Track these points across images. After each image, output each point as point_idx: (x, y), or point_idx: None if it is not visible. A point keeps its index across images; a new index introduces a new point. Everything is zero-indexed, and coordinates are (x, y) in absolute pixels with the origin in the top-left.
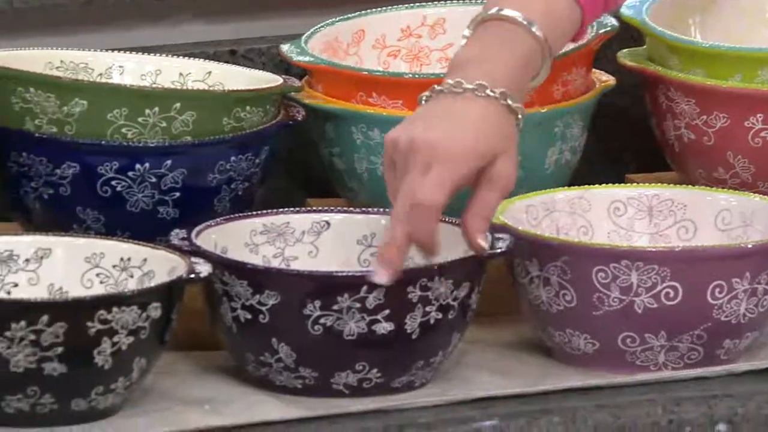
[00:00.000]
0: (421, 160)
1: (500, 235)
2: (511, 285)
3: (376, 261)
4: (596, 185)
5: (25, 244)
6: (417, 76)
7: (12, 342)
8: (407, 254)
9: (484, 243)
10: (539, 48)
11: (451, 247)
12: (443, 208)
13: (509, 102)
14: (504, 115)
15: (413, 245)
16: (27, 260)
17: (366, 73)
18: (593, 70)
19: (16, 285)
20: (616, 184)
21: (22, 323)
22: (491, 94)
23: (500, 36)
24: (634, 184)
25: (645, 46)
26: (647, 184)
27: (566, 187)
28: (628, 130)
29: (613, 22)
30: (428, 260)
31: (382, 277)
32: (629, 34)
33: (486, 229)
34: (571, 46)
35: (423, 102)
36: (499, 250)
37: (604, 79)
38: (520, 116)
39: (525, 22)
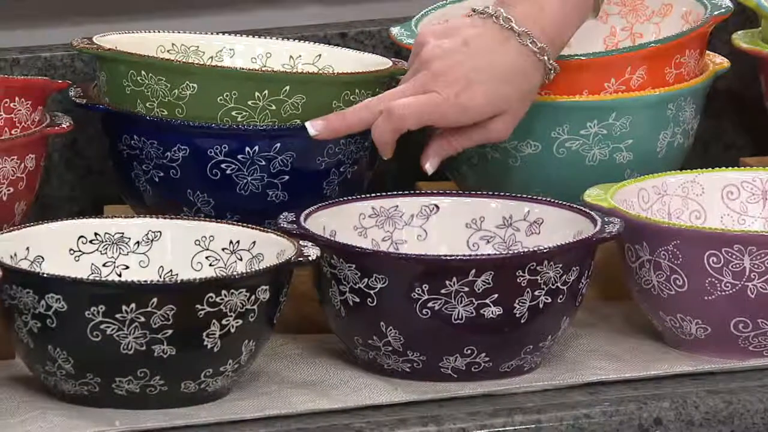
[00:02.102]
0: (426, 81)
1: (611, 219)
2: (622, 269)
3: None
4: (709, 169)
5: (136, 226)
6: None
7: (122, 324)
8: (343, 132)
9: (429, 167)
10: None
11: (560, 232)
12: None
13: (546, 59)
14: (534, 70)
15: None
16: (138, 243)
17: None
18: (707, 52)
19: (126, 267)
20: (730, 168)
21: (132, 306)
22: (533, 48)
23: None
24: (748, 167)
25: (760, 28)
26: (762, 167)
27: (678, 171)
28: (743, 112)
29: (728, 3)
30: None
31: (314, 127)
32: (744, 15)
33: (443, 157)
34: (684, 27)
35: (475, 17)
36: (609, 234)
37: (718, 61)
38: (552, 73)
39: None
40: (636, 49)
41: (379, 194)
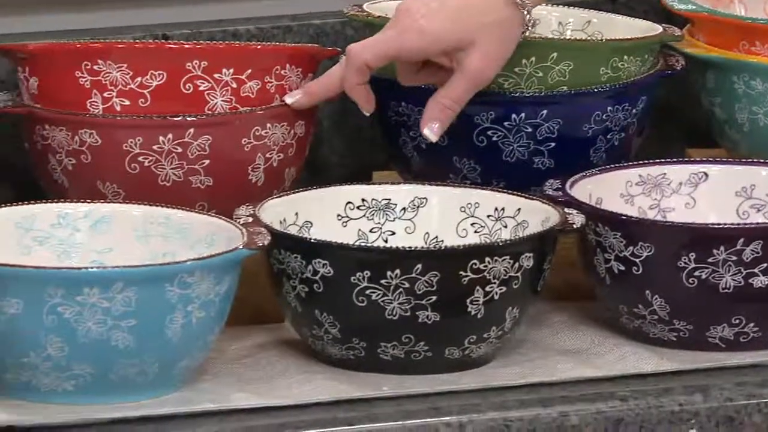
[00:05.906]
0: (387, 25)
1: None
2: None
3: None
4: None
5: (403, 193)
6: None
7: (387, 290)
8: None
9: (430, 133)
10: None
11: None
12: (370, 69)
13: None
14: (498, 4)
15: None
16: (404, 209)
17: (750, 21)
18: None
19: (393, 233)
20: None
21: (397, 271)
22: None
23: None
24: None
25: None
26: None
27: None
28: None
29: None
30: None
31: (293, 96)
32: None
33: (442, 120)
34: None
35: None
36: None
37: None
38: (525, 12)
39: None
40: None
41: (646, 161)
